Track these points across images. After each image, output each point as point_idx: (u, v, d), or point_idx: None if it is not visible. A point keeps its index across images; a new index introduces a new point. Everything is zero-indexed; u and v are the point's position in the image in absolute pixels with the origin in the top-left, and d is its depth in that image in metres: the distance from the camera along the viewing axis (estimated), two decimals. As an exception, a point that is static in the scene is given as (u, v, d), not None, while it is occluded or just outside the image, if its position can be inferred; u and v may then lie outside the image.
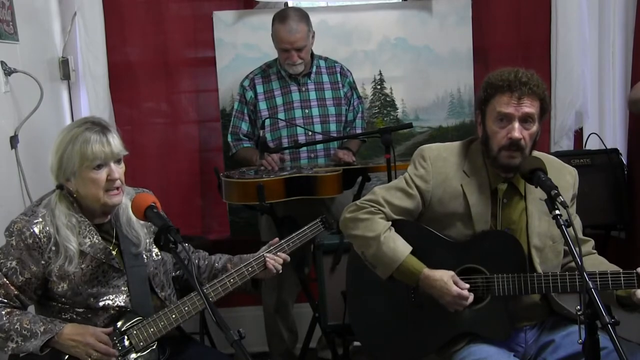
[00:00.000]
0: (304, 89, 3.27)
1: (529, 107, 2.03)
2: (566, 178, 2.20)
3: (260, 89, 3.25)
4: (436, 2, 3.59)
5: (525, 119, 2.04)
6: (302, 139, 3.23)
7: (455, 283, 2.05)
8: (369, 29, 3.59)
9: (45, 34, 3.24)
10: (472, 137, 2.25)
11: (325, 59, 3.37)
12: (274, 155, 3.08)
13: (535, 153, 2.14)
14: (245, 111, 3.28)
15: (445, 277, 2.06)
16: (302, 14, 3.15)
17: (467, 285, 2.06)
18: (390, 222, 2.17)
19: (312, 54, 3.27)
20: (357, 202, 2.23)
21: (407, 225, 2.18)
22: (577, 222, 2.24)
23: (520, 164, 2.03)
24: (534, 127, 2.06)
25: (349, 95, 3.38)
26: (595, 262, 2.17)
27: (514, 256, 2.08)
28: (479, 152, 2.18)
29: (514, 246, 2.08)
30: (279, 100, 3.25)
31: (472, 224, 2.12)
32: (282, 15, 3.13)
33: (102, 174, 2.04)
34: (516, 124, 2.04)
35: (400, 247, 2.11)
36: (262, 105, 3.24)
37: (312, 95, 3.28)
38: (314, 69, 3.29)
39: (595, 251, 2.26)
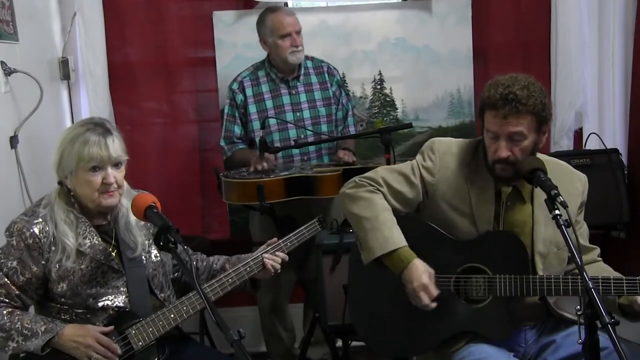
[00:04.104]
0: (294, 91, 3.24)
1: (514, 125, 1.98)
2: (576, 185, 2.18)
3: (249, 91, 3.22)
4: (436, 2, 3.59)
5: (511, 137, 2.00)
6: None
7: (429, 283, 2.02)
8: (369, 29, 3.59)
9: (45, 34, 3.24)
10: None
11: (312, 59, 3.33)
12: (270, 156, 3.05)
13: (546, 158, 2.12)
14: (237, 114, 3.24)
15: (423, 267, 2.03)
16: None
17: (438, 292, 2.03)
18: (389, 206, 2.13)
19: None
20: (356, 178, 2.19)
21: (411, 222, 2.16)
22: (585, 229, 2.22)
23: (519, 165, 2.02)
24: (526, 142, 2.01)
25: (337, 94, 3.34)
26: (599, 270, 2.15)
27: (518, 257, 2.07)
28: None
29: (518, 248, 2.07)
30: (269, 104, 3.21)
31: (474, 222, 2.11)
32: (270, 8, 3.19)
33: (97, 177, 2.04)
34: (502, 143, 2.01)
35: (396, 236, 2.07)
36: (252, 109, 3.21)
37: (302, 97, 3.25)
38: (302, 71, 3.26)
39: (600, 259, 2.23)
